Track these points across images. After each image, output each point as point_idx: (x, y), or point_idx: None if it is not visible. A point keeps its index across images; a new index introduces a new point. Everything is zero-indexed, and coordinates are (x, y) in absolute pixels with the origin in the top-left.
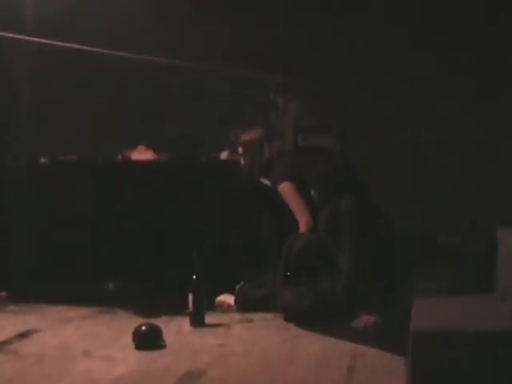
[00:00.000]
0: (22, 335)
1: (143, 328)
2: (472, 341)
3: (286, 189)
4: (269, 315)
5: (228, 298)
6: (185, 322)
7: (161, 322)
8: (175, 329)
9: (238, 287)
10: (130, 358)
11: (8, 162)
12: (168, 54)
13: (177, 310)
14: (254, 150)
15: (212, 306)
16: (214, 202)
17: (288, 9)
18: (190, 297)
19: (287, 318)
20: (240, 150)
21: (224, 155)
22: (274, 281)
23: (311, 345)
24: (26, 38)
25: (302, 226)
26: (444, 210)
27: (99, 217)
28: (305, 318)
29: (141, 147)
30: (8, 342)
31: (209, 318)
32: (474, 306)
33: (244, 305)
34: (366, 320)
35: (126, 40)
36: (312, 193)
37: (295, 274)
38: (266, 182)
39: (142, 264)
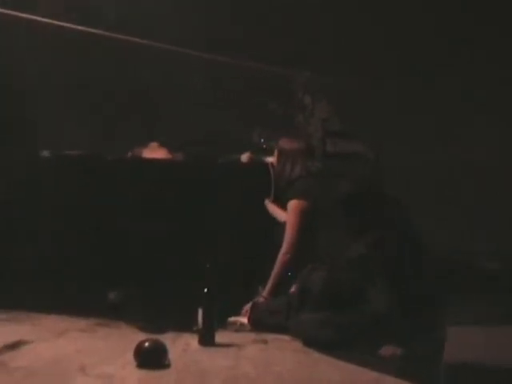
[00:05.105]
0: (11, 346)
1: (146, 344)
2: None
3: (293, 206)
4: (285, 337)
5: (241, 316)
6: (193, 340)
7: (166, 339)
8: (182, 347)
9: (252, 303)
10: (130, 376)
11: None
12: (188, 45)
13: (184, 325)
14: (287, 160)
15: (223, 324)
16: (231, 209)
17: (323, 5)
18: (200, 312)
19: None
20: (276, 154)
21: (245, 157)
22: (288, 310)
23: (331, 372)
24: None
25: (282, 253)
26: (483, 232)
27: (103, 218)
28: (325, 347)
29: (153, 144)
30: None
31: (219, 337)
32: None
33: (258, 323)
34: (390, 350)
35: (144, 31)
36: (338, 213)
37: (314, 305)
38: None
39: (148, 273)
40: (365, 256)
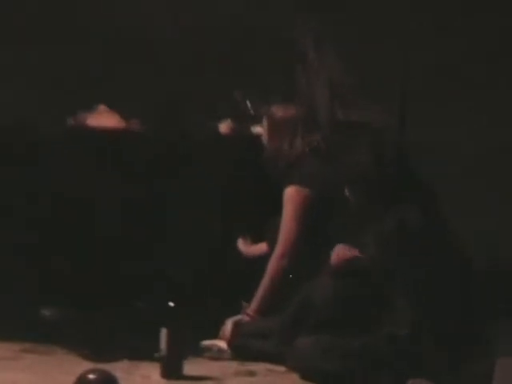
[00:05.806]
0: None
1: (91, 376)
2: None
3: (292, 195)
4: (279, 367)
5: (219, 340)
6: (153, 371)
7: (118, 369)
8: (139, 379)
9: (233, 322)
10: None
11: None
12: None
13: (143, 352)
14: (283, 134)
15: (195, 349)
16: (206, 197)
17: None
18: (164, 334)
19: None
20: (265, 124)
21: (224, 127)
22: (281, 331)
23: None
24: None
25: (275, 257)
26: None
27: (33, 212)
28: (330, 380)
29: (101, 108)
30: None
31: (190, 367)
32: None
33: (242, 348)
34: None
35: None
36: (347, 195)
37: (315, 325)
38: None
39: (95, 284)
40: (378, 257)
